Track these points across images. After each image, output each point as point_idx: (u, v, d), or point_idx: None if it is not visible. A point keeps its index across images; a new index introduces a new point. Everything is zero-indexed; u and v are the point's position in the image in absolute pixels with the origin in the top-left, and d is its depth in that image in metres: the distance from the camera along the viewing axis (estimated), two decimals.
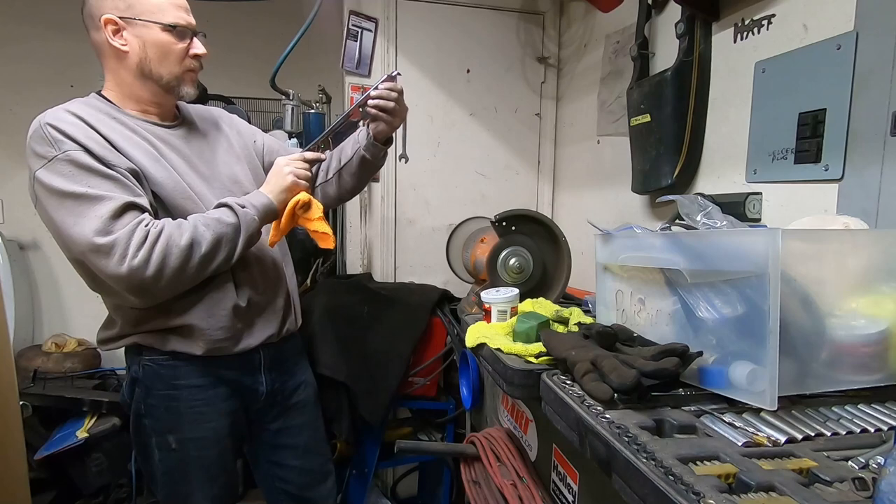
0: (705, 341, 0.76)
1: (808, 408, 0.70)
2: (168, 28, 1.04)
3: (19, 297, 2.27)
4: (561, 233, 1.31)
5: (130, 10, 1.02)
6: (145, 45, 1.03)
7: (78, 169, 0.95)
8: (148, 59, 1.04)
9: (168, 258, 0.96)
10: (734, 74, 1.24)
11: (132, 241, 0.93)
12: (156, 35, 1.04)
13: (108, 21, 1.01)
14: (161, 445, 1.12)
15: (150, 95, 1.09)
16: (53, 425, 2.01)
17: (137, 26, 1.02)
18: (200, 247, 0.99)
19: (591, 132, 1.89)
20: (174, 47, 1.06)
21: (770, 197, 1.14)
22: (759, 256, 0.66)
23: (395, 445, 1.31)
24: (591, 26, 1.92)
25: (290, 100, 1.99)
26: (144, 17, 1.02)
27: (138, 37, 1.03)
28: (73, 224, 0.93)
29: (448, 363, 1.83)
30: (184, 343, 1.09)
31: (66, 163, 0.94)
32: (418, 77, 2.03)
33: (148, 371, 1.10)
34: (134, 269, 0.93)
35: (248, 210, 1.06)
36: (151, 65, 1.05)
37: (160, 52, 1.05)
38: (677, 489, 0.50)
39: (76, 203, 0.93)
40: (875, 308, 0.73)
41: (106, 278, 0.95)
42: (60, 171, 0.94)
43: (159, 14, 1.03)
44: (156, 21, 1.03)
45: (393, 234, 2.07)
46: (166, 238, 0.96)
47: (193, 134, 1.18)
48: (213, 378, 1.13)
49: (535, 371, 0.87)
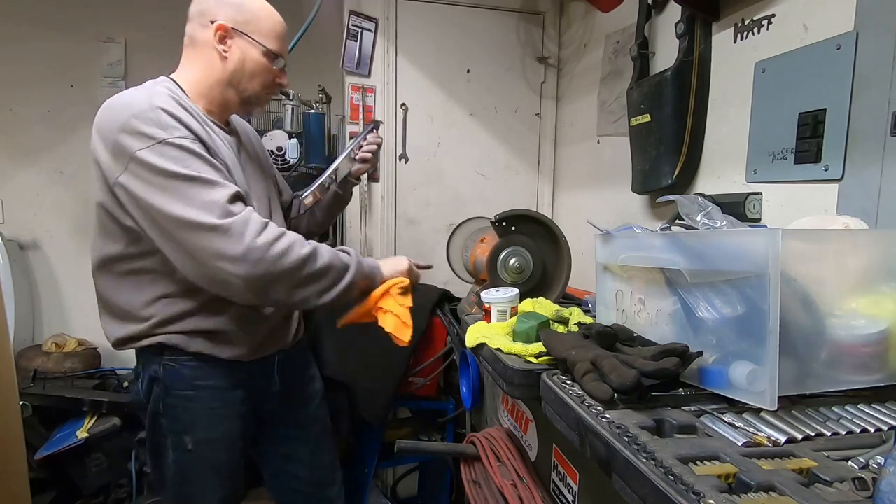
0: (705, 341, 0.76)
1: (808, 408, 0.70)
2: (269, 53, 1.11)
3: (19, 297, 2.27)
4: (561, 233, 1.31)
5: (245, 25, 1.09)
6: (245, 59, 1.10)
7: (188, 154, 0.95)
8: (242, 71, 1.10)
9: (289, 254, 0.96)
10: (734, 74, 1.24)
11: (251, 224, 0.94)
12: (256, 55, 1.10)
13: (221, 27, 1.07)
14: (176, 445, 1.12)
15: (224, 101, 1.14)
16: (53, 425, 2.01)
17: (244, 41, 1.09)
18: (314, 262, 1.00)
19: (591, 132, 1.89)
20: (266, 70, 1.13)
21: (770, 197, 1.14)
22: (759, 256, 0.66)
23: (395, 445, 1.31)
24: (591, 26, 1.92)
25: (290, 100, 1.99)
26: (254, 35, 1.09)
27: (241, 50, 1.09)
28: (184, 206, 0.92)
29: (448, 363, 1.83)
30: (210, 346, 1.10)
31: (174, 147, 0.95)
32: (418, 77, 2.03)
33: (169, 371, 1.10)
34: (254, 247, 0.93)
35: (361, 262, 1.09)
36: (242, 78, 1.11)
37: (254, 70, 1.11)
38: (677, 489, 0.50)
39: (188, 185, 0.93)
40: (875, 308, 0.73)
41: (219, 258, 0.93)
42: (168, 154, 0.94)
43: (266, 38, 1.11)
44: (261, 43, 1.10)
45: (393, 234, 2.07)
46: (292, 237, 0.98)
47: (241, 144, 1.23)
48: (232, 380, 1.14)
49: (535, 371, 0.87)
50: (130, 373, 2.32)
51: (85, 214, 2.52)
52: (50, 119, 2.44)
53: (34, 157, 2.43)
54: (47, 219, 2.48)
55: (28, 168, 2.43)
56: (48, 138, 2.44)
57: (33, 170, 2.44)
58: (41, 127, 2.43)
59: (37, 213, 2.47)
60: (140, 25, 2.48)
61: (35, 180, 2.44)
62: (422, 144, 2.06)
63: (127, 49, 2.49)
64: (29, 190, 2.43)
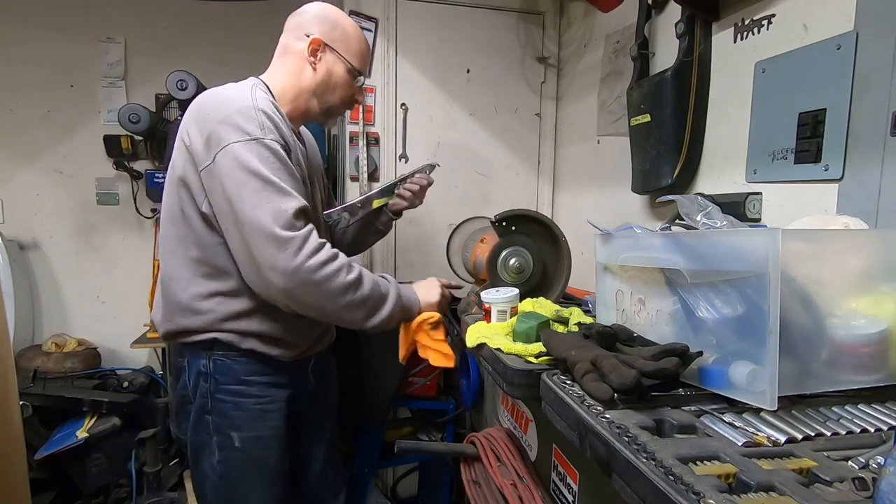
0: (705, 341, 0.76)
1: (808, 408, 0.70)
2: (353, 70, 1.20)
3: (19, 297, 2.27)
4: (561, 233, 1.31)
5: (337, 42, 1.18)
6: (331, 73, 1.18)
7: (274, 157, 1.01)
8: (328, 83, 1.19)
9: (335, 278, 1.01)
10: (734, 74, 1.24)
11: (309, 243, 0.99)
12: (342, 70, 1.19)
13: (316, 41, 1.15)
14: (222, 444, 1.12)
15: (307, 109, 1.21)
16: (53, 425, 2.02)
17: (334, 56, 1.18)
18: (355, 291, 1.04)
19: (591, 132, 1.89)
20: (348, 85, 1.21)
21: (770, 197, 1.14)
22: (759, 256, 0.66)
23: (395, 445, 1.31)
24: (591, 26, 1.91)
25: None
26: (344, 53, 1.18)
27: (329, 64, 1.18)
28: (255, 206, 0.97)
29: None
30: (262, 345, 1.12)
31: (265, 148, 1.01)
32: (418, 77, 2.03)
33: (219, 365, 1.11)
34: (304, 268, 0.97)
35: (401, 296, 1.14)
36: (327, 89, 1.19)
37: (338, 83, 1.20)
38: (677, 489, 0.50)
39: (263, 186, 0.98)
40: (875, 308, 0.73)
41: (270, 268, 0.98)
42: (258, 153, 1.00)
43: (354, 57, 1.20)
44: (348, 60, 1.19)
45: (393, 234, 2.06)
46: (342, 262, 1.03)
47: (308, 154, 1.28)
48: (279, 378, 1.16)
49: (535, 371, 0.87)
50: (130, 373, 2.34)
51: (85, 214, 2.52)
52: (50, 119, 2.44)
53: (34, 158, 2.43)
54: (47, 219, 2.49)
55: (28, 168, 2.43)
56: (48, 138, 2.44)
57: (33, 170, 2.44)
58: (41, 127, 2.43)
59: (37, 213, 2.47)
60: (140, 25, 2.48)
61: (35, 180, 2.44)
62: (422, 144, 2.05)
63: (127, 49, 2.49)
64: (29, 190, 2.44)
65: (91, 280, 2.55)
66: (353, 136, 1.96)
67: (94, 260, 2.57)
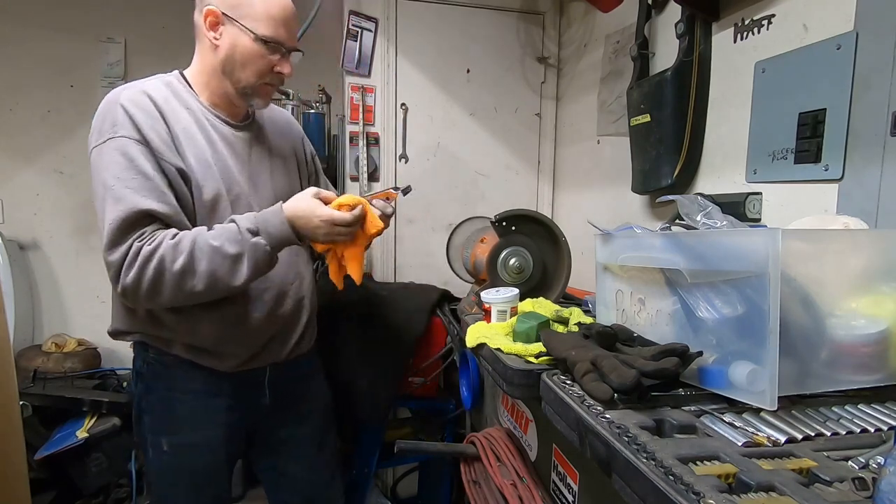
0: (705, 341, 0.76)
1: (808, 408, 0.70)
2: (261, 39, 1.03)
3: (19, 297, 2.27)
4: (561, 233, 1.31)
5: (234, 10, 1.02)
6: (235, 47, 1.03)
7: (122, 157, 0.95)
8: (233, 60, 1.05)
9: (159, 283, 0.94)
10: (734, 74, 1.24)
11: (126, 260, 0.93)
12: (247, 42, 1.03)
13: (211, 13, 1.02)
14: (155, 445, 1.10)
15: (223, 93, 1.10)
16: (53, 425, 2.01)
17: (235, 27, 1.03)
18: (193, 276, 0.95)
19: (591, 132, 1.89)
20: (260, 59, 1.05)
21: (770, 197, 1.14)
22: (759, 256, 0.66)
23: (395, 445, 1.31)
24: (591, 26, 1.91)
25: (290, 100, 1.99)
26: (244, 21, 1.02)
27: (231, 37, 1.03)
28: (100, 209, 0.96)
29: (448, 363, 1.82)
30: (188, 354, 1.08)
31: (113, 149, 0.95)
32: (418, 77, 2.03)
33: (152, 368, 1.09)
34: (127, 288, 0.94)
35: (259, 240, 0.98)
36: (234, 67, 1.05)
37: (246, 59, 1.04)
38: (677, 489, 0.50)
39: (105, 192, 0.95)
40: (875, 308, 0.73)
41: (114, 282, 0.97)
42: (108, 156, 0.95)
43: (258, 24, 1.02)
44: (251, 30, 1.02)
45: (393, 234, 2.07)
46: (159, 260, 0.93)
47: (259, 139, 1.17)
48: (214, 388, 1.11)
49: (535, 371, 0.87)
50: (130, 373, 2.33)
51: (85, 214, 2.52)
52: (50, 119, 2.44)
53: (34, 158, 2.43)
54: (47, 219, 2.48)
55: (28, 168, 2.43)
56: (48, 138, 2.44)
57: (33, 170, 2.43)
58: (41, 127, 2.43)
59: (37, 213, 2.46)
60: (140, 25, 2.48)
61: (35, 180, 2.44)
62: (422, 144, 2.05)
63: (127, 49, 2.48)
64: (29, 190, 2.43)
65: (91, 280, 2.54)
66: (353, 136, 1.96)
67: (94, 260, 2.56)
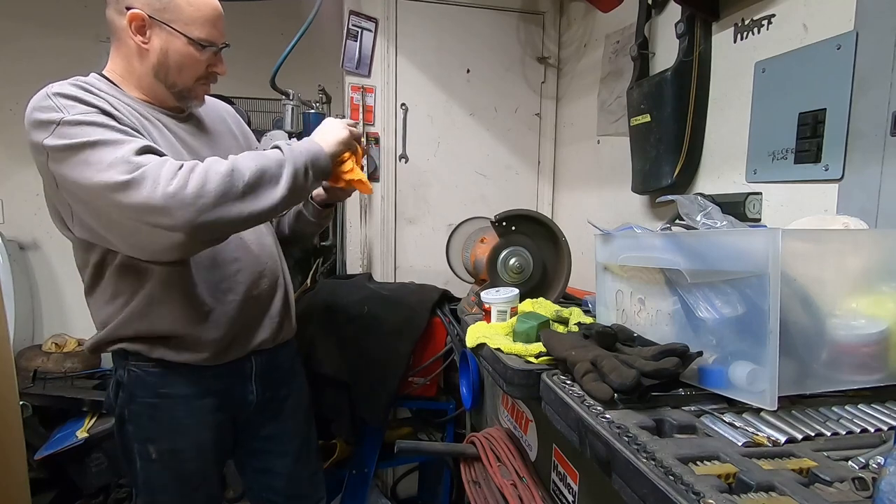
0: (705, 341, 0.76)
1: (808, 408, 0.70)
2: (194, 42, 1.00)
3: (19, 297, 2.27)
4: (561, 233, 1.31)
5: (163, 13, 0.97)
6: (168, 52, 1.00)
7: (87, 125, 0.88)
8: (167, 66, 1.01)
9: (207, 183, 0.86)
10: (734, 74, 1.24)
11: (163, 171, 0.85)
12: (180, 46, 1.00)
13: (136, 16, 0.97)
14: (142, 453, 1.09)
15: (156, 94, 1.06)
16: (53, 425, 2.02)
17: (164, 31, 0.98)
18: (243, 174, 0.90)
19: (591, 132, 1.89)
20: (196, 62, 1.02)
21: (770, 197, 1.14)
22: (759, 256, 0.66)
23: (395, 445, 1.31)
24: (591, 26, 1.91)
25: (290, 100, 1.99)
26: (175, 25, 0.98)
27: (162, 41, 0.99)
28: (95, 171, 0.84)
29: (448, 363, 1.82)
30: (172, 353, 1.05)
31: (73, 124, 0.87)
32: (418, 77, 2.03)
33: (133, 376, 1.07)
34: (170, 195, 0.83)
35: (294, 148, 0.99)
36: (168, 71, 1.02)
37: (181, 63, 1.01)
38: (677, 489, 0.50)
39: (93, 151, 0.85)
40: (875, 308, 0.73)
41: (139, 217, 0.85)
42: (68, 133, 0.87)
43: (191, 27, 0.99)
44: (184, 33, 0.99)
45: (393, 234, 2.07)
46: (204, 167, 0.88)
47: (201, 129, 1.15)
48: (200, 388, 1.10)
49: (535, 371, 0.87)
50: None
51: None
52: None
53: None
54: (47, 219, 2.45)
55: (28, 168, 2.42)
56: None
57: (33, 170, 2.41)
58: None
59: (37, 213, 2.46)
60: None
61: (35, 180, 2.40)
62: (422, 144, 2.05)
63: None
64: (29, 190, 2.43)
65: None
66: None
67: None
